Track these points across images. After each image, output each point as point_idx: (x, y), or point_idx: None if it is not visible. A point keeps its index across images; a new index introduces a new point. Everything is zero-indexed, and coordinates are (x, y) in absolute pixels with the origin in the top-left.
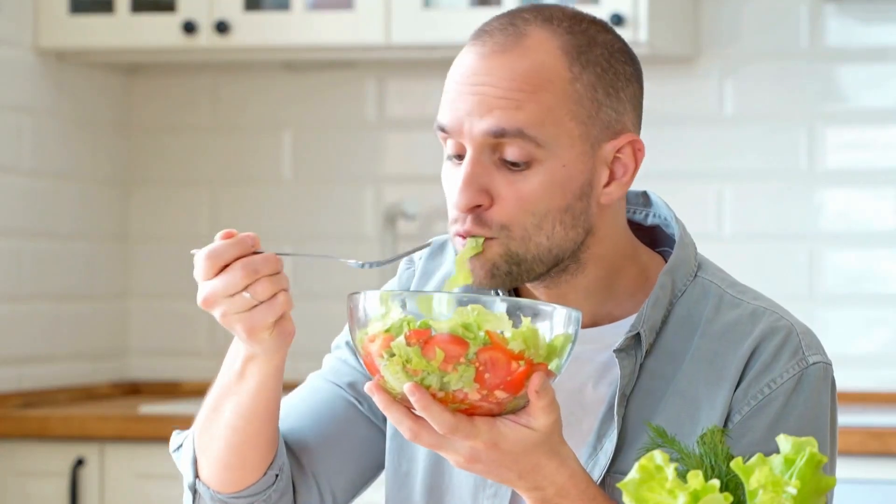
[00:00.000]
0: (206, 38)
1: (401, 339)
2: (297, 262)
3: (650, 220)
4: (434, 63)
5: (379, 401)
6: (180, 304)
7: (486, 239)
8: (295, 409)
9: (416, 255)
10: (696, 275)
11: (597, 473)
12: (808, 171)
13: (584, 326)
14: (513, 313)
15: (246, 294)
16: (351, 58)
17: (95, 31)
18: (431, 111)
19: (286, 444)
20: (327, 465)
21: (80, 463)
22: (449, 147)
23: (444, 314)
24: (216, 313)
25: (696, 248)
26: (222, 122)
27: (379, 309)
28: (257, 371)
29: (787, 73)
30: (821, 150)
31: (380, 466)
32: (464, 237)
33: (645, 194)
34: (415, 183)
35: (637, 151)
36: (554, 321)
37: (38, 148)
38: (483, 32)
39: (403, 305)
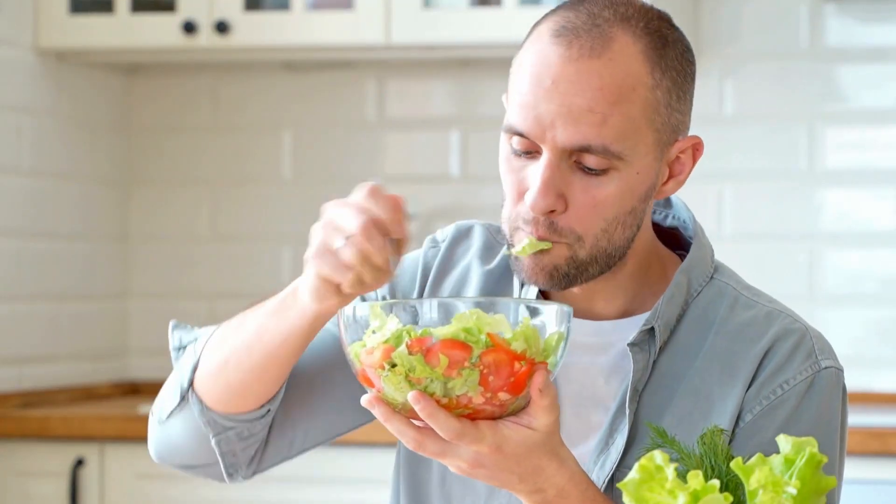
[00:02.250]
0: (206, 38)
1: (402, 348)
2: (298, 266)
3: (669, 222)
4: (434, 63)
5: (379, 413)
6: (180, 304)
7: (555, 242)
8: None
9: (440, 236)
10: (712, 277)
11: (607, 468)
12: (808, 171)
13: (607, 319)
14: (511, 313)
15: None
16: (351, 58)
17: (95, 31)
18: (431, 111)
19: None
20: (314, 404)
21: (80, 463)
22: (516, 143)
23: (434, 320)
24: (337, 253)
25: (713, 252)
26: (222, 122)
27: (372, 320)
28: (303, 320)
29: (787, 73)
30: (821, 150)
31: (359, 424)
32: (536, 238)
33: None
34: (415, 183)
35: (696, 151)
36: (546, 318)
37: (38, 148)
38: (566, 31)
39: (397, 315)
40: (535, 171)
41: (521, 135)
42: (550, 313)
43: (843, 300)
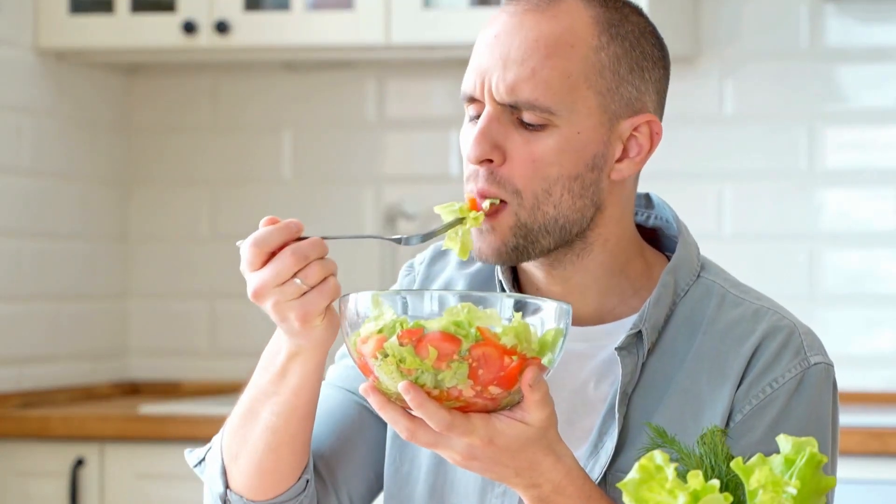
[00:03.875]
0: (206, 38)
1: (393, 339)
2: None
3: (652, 223)
4: (434, 63)
5: (374, 402)
6: (180, 304)
7: (495, 213)
8: None
9: (417, 261)
10: (698, 275)
11: (597, 471)
12: (808, 171)
13: (589, 323)
14: (504, 309)
15: (297, 280)
16: (351, 58)
17: (95, 31)
18: (431, 111)
19: None
20: (345, 471)
21: (80, 463)
22: (471, 110)
23: (434, 312)
24: (267, 305)
25: (698, 249)
26: (222, 122)
27: (371, 311)
28: (300, 368)
29: (787, 73)
30: (821, 150)
31: None
32: (479, 196)
33: (647, 196)
34: (415, 183)
35: (654, 134)
36: (545, 315)
37: (38, 148)
38: None
39: (395, 305)
40: (476, 125)
41: (470, 98)
42: (549, 310)
43: (843, 300)
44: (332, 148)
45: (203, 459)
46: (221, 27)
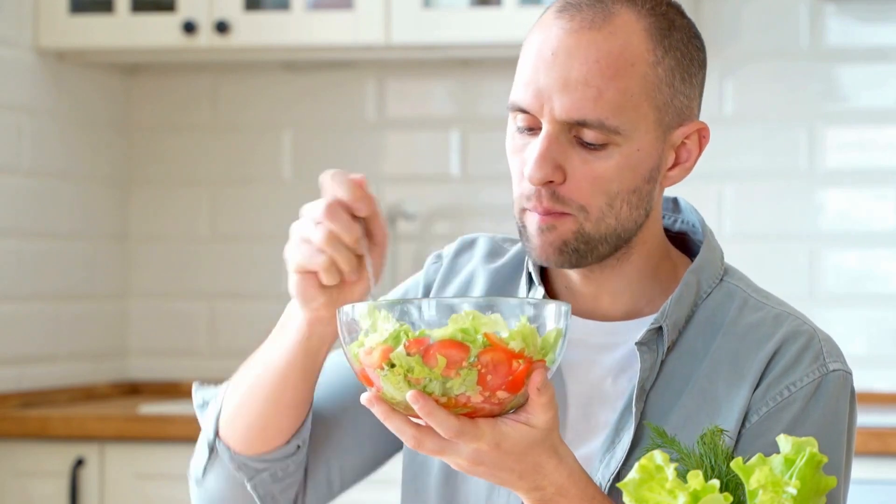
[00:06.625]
0: (206, 38)
1: (400, 349)
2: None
3: (678, 227)
4: (434, 63)
5: (378, 412)
6: (180, 304)
7: (561, 215)
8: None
9: (445, 251)
10: (721, 279)
11: (613, 466)
12: (808, 171)
13: (615, 320)
14: (507, 313)
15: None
16: (351, 58)
17: (95, 31)
18: (431, 111)
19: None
20: (343, 441)
21: (80, 463)
22: (520, 120)
23: (433, 320)
24: (310, 240)
25: (723, 254)
26: (222, 122)
27: (368, 321)
28: (315, 332)
29: (787, 73)
30: (821, 150)
31: (393, 450)
32: (542, 214)
33: (675, 200)
34: (415, 183)
35: (702, 138)
36: (545, 316)
37: (38, 148)
38: (569, 6)
39: (393, 315)
40: (534, 145)
41: (522, 110)
42: (549, 310)
43: (843, 300)
44: (332, 148)
45: (207, 403)
46: (221, 27)
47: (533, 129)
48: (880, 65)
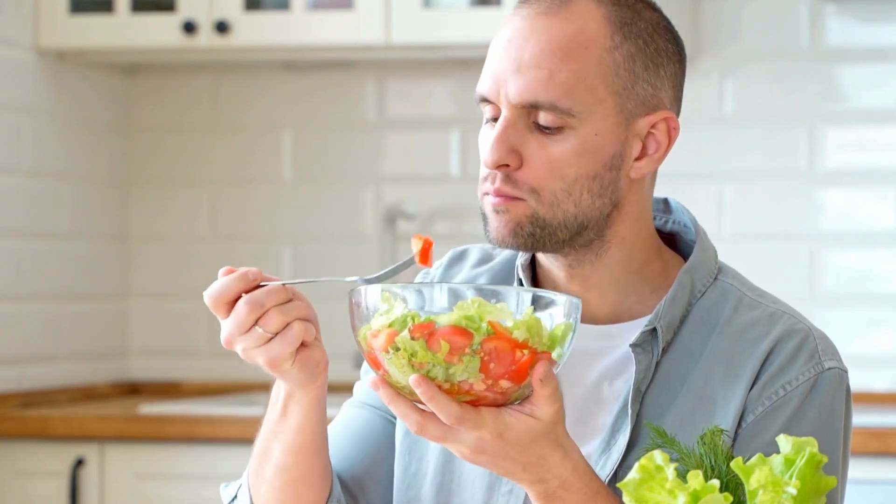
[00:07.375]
0: (206, 38)
1: (405, 333)
2: (298, 266)
3: (669, 227)
4: (434, 63)
5: (383, 395)
6: (180, 304)
7: (513, 199)
8: (337, 442)
9: (435, 265)
10: (716, 277)
11: (609, 467)
12: (808, 171)
13: (606, 322)
14: (515, 303)
15: (258, 329)
16: (351, 58)
17: (95, 31)
18: (431, 111)
19: (338, 478)
20: (377, 488)
21: (80, 463)
22: (487, 111)
23: (444, 306)
24: (237, 350)
25: (716, 253)
26: (222, 122)
27: (380, 304)
28: (298, 406)
29: (787, 73)
30: (821, 150)
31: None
32: (495, 196)
33: (665, 201)
34: (415, 183)
35: (672, 130)
36: (555, 309)
37: (38, 148)
38: None
39: (405, 300)
40: (492, 130)
41: (485, 100)
42: (560, 304)
43: (843, 300)
44: (332, 148)
45: (235, 497)
46: (221, 27)
47: (497, 118)
48: (880, 65)
